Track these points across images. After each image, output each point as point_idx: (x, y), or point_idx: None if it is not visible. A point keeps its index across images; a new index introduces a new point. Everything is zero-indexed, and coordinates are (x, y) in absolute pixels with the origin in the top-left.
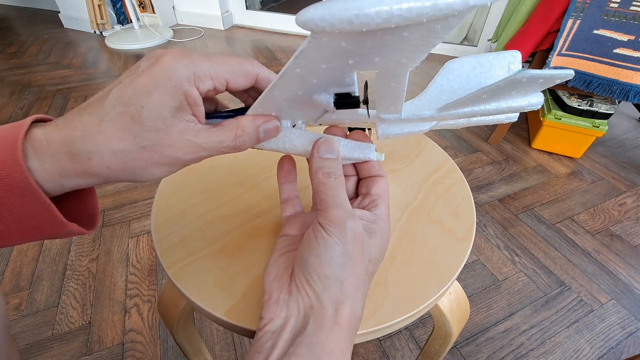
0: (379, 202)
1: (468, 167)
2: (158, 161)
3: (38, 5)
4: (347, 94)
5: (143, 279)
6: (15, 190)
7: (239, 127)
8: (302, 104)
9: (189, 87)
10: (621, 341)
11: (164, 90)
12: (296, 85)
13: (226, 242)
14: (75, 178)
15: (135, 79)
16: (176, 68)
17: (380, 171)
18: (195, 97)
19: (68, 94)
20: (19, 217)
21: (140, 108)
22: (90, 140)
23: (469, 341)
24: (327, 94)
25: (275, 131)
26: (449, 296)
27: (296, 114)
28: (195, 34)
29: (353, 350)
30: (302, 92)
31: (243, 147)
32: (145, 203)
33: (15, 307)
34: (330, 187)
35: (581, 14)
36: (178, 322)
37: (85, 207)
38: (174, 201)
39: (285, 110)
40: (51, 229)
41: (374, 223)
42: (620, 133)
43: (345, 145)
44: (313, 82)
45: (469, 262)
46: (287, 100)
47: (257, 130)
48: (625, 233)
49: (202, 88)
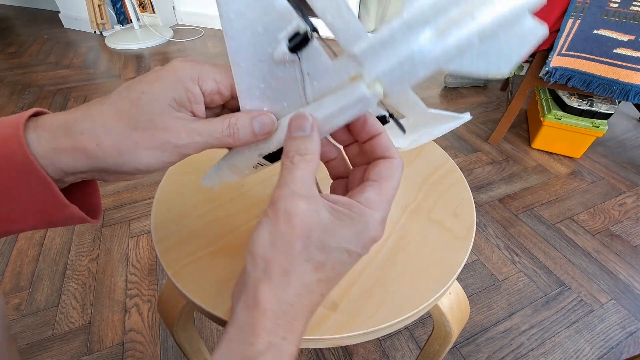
0: (368, 188)
1: (468, 167)
2: (148, 145)
3: (38, 5)
4: (296, 33)
5: (143, 278)
6: (19, 168)
7: (232, 117)
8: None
9: (192, 84)
10: (621, 341)
11: (166, 82)
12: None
13: (226, 242)
14: (66, 154)
15: (146, 74)
16: (183, 67)
17: (387, 152)
18: (196, 94)
19: (68, 94)
20: (24, 199)
21: (140, 93)
22: (87, 119)
23: (469, 341)
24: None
25: (271, 125)
26: (449, 296)
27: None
28: (195, 34)
29: (353, 350)
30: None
31: (238, 138)
32: (145, 203)
33: (15, 307)
34: (286, 168)
35: (581, 14)
36: (178, 322)
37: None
38: (174, 201)
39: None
40: (54, 211)
41: (349, 209)
42: (620, 133)
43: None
44: (258, 31)
45: (469, 262)
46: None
47: (252, 123)
48: (625, 233)
49: (205, 87)
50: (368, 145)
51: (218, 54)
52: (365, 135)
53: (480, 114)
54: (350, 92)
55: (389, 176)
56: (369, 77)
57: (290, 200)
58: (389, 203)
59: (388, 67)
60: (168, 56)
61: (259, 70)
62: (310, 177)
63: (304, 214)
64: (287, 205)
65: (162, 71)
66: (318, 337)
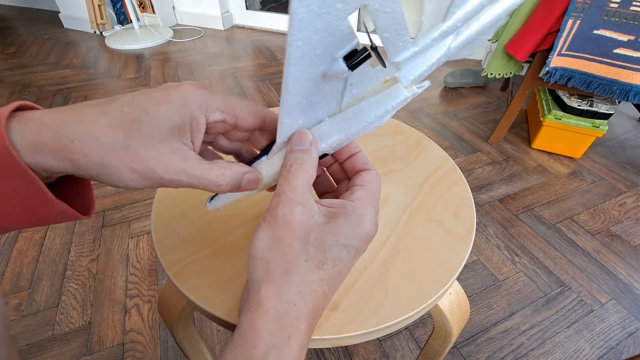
0: (357, 189)
1: (468, 167)
2: (134, 167)
3: (38, 5)
4: (352, 50)
5: (143, 279)
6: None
7: (227, 168)
8: (319, 92)
9: (199, 112)
10: (621, 341)
11: (174, 106)
12: (304, 64)
13: (226, 242)
14: (49, 156)
15: (153, 91)
16: (193, 93)
17: (366, 165)
18: (200, 123)
19: (68, 94)
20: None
21: (144, 113)
22: (80, 126)
23: (469, 341)
24: (335, 62)
25: (256, 183)
26: (449, 296)
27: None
28: (195, 34)
29: (353, 350)
30: (312, 69)
31: (221, 187)
32: (145, 203)
33: (15, 308)
34: (284, 177)
35: (581, 14)
36: (178, 322)
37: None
38: (174, 201)
39: (306, 108)
40: (41, 207)
41: (342, 207)
42: (620, 133)
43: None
44: (317, 53)
45: (469, 262)
46: (303, 93)
47: (242, 177)
48: (625, 233)
49: (210, 118)
50: (349, 163)
51: (218, 54)
52: (346, 154)
53: (480, 114)
54: (390, 96)
55: (372, 181)
56: (406, 80)
57: (287, 206)
58: (377, 202)
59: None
60: (168, 56)
61: (306, 88)
62: (306, 185)
63: (301, 218)
64: (285, 210)
65: (173, 94)
66: (318, 337)
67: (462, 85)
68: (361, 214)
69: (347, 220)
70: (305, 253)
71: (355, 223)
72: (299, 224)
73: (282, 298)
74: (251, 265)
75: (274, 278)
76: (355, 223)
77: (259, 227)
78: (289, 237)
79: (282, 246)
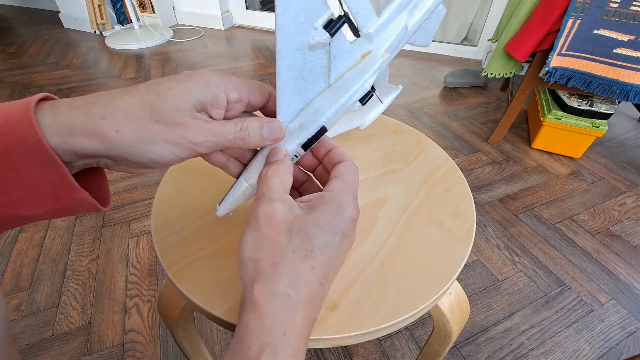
0: (333, 180)
1: (468, 167)
2: (165, 136)
3: (38, 5)
4: (329, 20)
5: (143, 279)
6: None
7: (245, 121)
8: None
9: (219, 90)
10: (621, 341)
11: (195, 83)
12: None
13: (226, 242)
14: (82, 137)
15: (175, 75)
16: (211, 74)
17: (342, 157)
18: (220, 99)
19: (68, 94)
20: (34, 181)
21: (167, 89)
22: (110, 104)
23: (469, 341)
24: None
25: (280, 131)
26: (449, 296)
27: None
28: (195, 34)
29: (353, 350)
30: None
31: (248, 140)
32: (145, 203)
33: (15, 308)
34: (262, 182)
35: (581, 14)
36: (178, 322)
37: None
38: (174, 201)
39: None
40: (65, 194)
41: (320, 199)
42: (620, 133)
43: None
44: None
45: (469, 262)
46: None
47: (262, 127)
48: (625, 233)
49: (230, 96)
50: (327, 159)
51: (218, 54)
52: (324, 151)
53: (480, 114)
54: (368, 63)
55: (347, 171)
56: (380, 49)
57: (267, 204)
58: (355, 190)
59: (392, 41)
60: (168, 56)
61: (296, 60)
62: (282, 186)
63: (282, 213)
64: (266, 209)
65: (193, 74)
66: (318, 337)
67: (462, 85)
68: (340, 201)
69: (327, 208)
70: (291, 245)
71: (336, 209)
72: (281, 219)
73: (274, 291)
74: (241, 268)
75: (264, 274)
76: (336, 209)
77: (243, 232)
78: (274, 233)
79: (268, 242)
